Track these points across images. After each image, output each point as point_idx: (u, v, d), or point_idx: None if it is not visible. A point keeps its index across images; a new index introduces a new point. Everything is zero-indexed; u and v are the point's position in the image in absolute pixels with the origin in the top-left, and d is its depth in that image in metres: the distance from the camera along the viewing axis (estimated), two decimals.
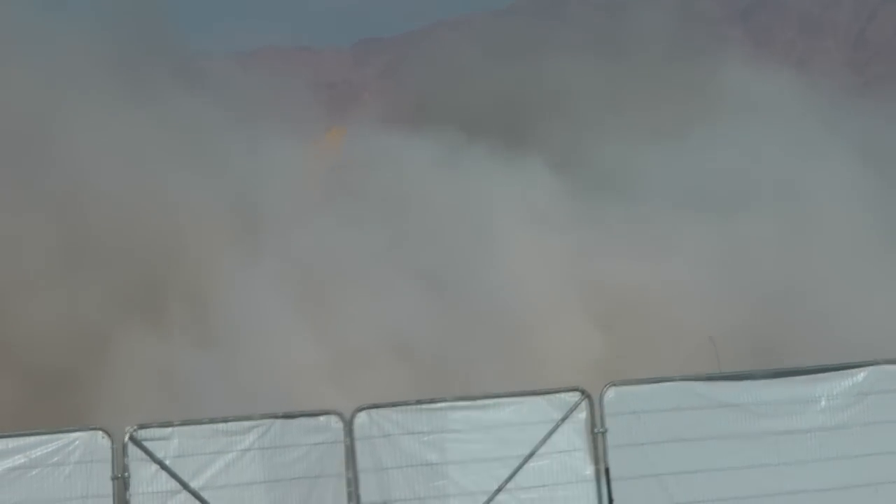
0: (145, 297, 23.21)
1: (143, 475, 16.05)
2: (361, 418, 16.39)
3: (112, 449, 15.98)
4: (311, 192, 25.91)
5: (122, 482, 15.97)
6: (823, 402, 17.04)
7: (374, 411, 16.45)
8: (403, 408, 16.54)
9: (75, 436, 16.01)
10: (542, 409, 16.66)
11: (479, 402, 16.64)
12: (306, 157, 27.02)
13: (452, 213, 24.96)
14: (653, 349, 22.07)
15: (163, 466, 16.05)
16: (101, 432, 16.03)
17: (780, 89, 29.18)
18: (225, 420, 16.24)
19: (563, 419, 16.63)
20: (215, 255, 23.76)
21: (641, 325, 22.88)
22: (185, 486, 16.06)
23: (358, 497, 16.31)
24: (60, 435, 16.01)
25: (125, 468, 15.98)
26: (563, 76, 28.62)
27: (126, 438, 16.02)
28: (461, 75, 29.53)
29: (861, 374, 17.17)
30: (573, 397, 16.71)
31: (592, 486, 16.62)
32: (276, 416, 16.32)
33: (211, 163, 24.86)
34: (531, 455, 16.55)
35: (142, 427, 16.09)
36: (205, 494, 16.08)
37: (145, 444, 16.05)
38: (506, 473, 16.51)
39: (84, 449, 15.95)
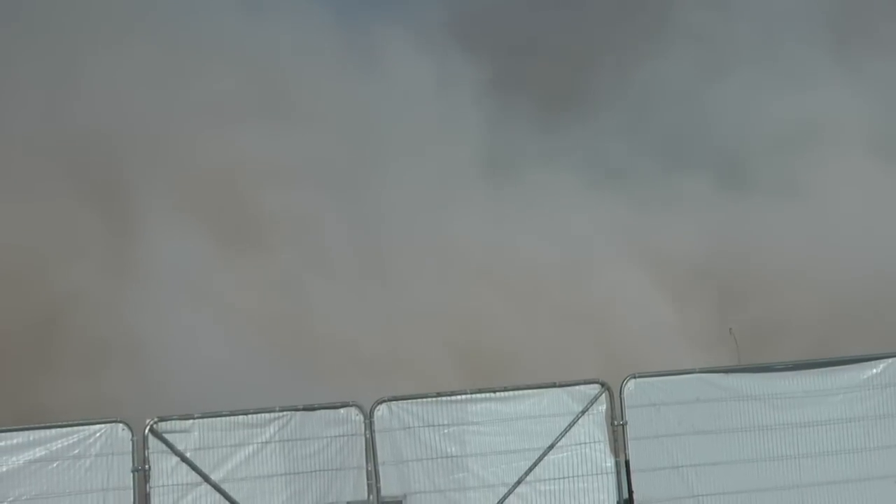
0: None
1: (164, 467, 16.06)
2: (381, 411, 16.41)
3: (132, 441, 16.00)
4: None
5: (142, 474, 15.99)
6: (842, 394, 17.05)
7: (394, 404, 16.46)
8: (423, 400, 16.54)
9: (96, 428, 16.02)
10: (562, 402, 16.68)
11: (499, 395, 16.64)
12: None
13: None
14: (671, 340, 22.00)
15: (183, 459, 16.06)
16: (121, 425, 16.04)
17: None
18: (245, 412, 16.24)
19: (584, 411, 16.65)
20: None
21: (661, 315, 22.78)
22: (205, 478, 16.07)
23: (378, 489, 16.32)
24: (81, 427, 16.01)
25: (146, 460, 15.99)
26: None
27: (146, 431, 16.03)
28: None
29: (880, 366, 17.19)
30: (593, 389, 16.73)
31: (612, 479, 16.64)
32: (296, 409, 16.33)
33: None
34: (551, 447, 16.57)
35: (162, 419, 16.10)
36: (225, 486, 16.10)
37: (166, 436, 16.05)
38: (526, 466, 16.53)
39: (104, 441, 15.97)
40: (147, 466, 16.00)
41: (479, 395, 16.64)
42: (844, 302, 23.18)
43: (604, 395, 16.71)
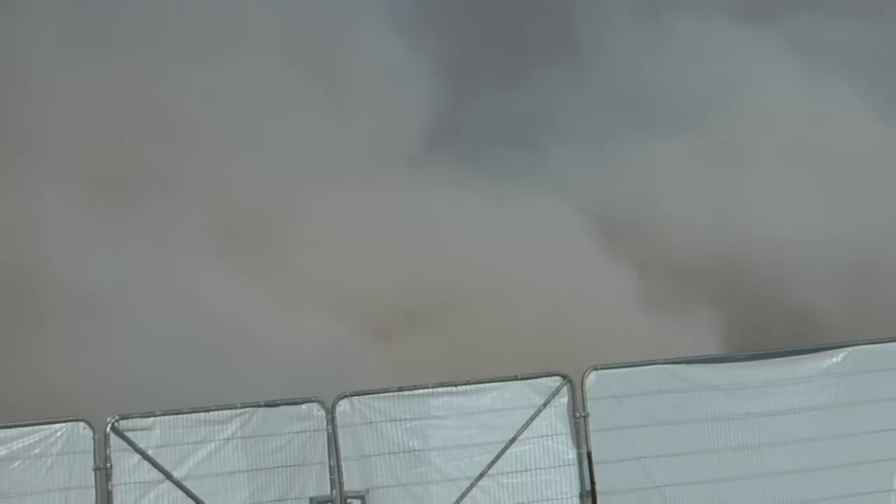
0: None
1: (126, 466, 16.04)
2: (343, 406, 16.42)
3: (94, 440, 15.97)
4: None
5: (104, 473, 15.96)
6: (803, 384, 17.12)
7: (355, 399, 16.48)
8: (385, 395, 16.56)
9: (56, 427, 15.97)
10: (524, 395, 16.72)
11: (461, 388, 16.67)
12: None
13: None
14: (632, 331, 21.99)
15: (145, 457, 16.05)
16: (82, 423, 16.00)
17: None
18: (207, 409, 16.23)
19: (545, 404, 16.69)
20: None
21: (621, 305, 22.74)
22: (167, 475, 16.06)
23: (340, 485, 16.34)
24: (42, 426, 15.97)
25: (107, 459, 15.97)
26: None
27: (108, 429, 16.01)
28: None
29: (841, 355, 17.27)
30: (555, 382, 16.77)
31: (575, 470, 16.68)
32: (257, 405, 16.33)
33: None
34: (513, 440, 16.61)
35: (123, 418, 16.08)
36: (187, 484, 16.09)
37: (127, 434, 16.04)
38: (488, 459, 16.56)
39: (65, 440, 15.93)
40: (109, 465, 15.96)
41: (440, 389, 16.66)
42: (805, 291, 23.26)
43: (565, 387, 16.76)
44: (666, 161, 24.62)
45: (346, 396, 16.46)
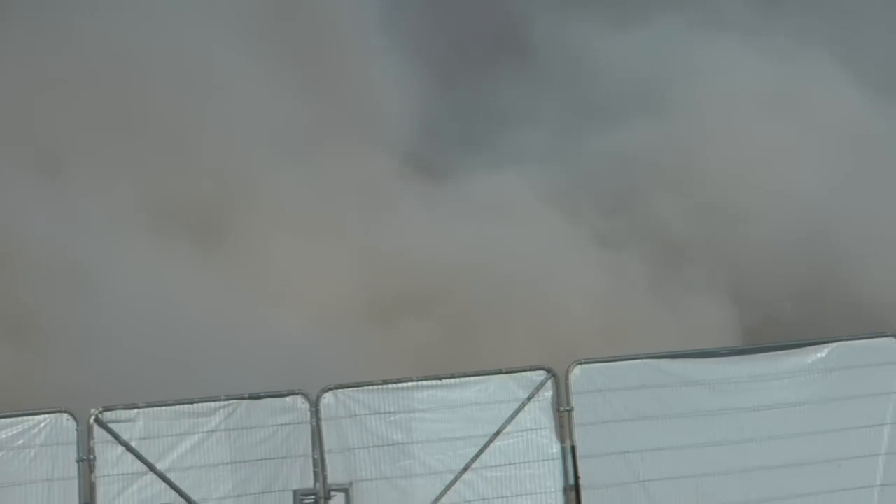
0: None
1: (109, 457, 16.02)
2: (328, 398, 16.42)
3: (77, 431, 15.96)
4: None
5: (87, 464, 15.95)
6: (787, 379, 17.13)
7: (340, 391, 16.47)
8: (369, 388, 16.56)
9: (40, 418, 15.95)
10: (509, 388, 16.71)
11: (445, 382, 16.66)
12: None
13: None
14: (616, 325, 22.00)
15: (128, 448, 16.04)
16: (65, 415, 15.99)
17: None
18: (191, 401, 16.22)
19: (529, 398, 16.69)
20: None
21: (604, 299, 22.75)
22: (151, 467, 16.05)
23: (324, 477, 16.33)
24: (25, 417, 15.95)
25: (91, 450, 15.96)
26: None
27: (91, 420, 15.99)
28: None
29: (825, 350, 17.28)
30: (539, 376, 16.77)
31: (559, 464, 16.69)
32: (241, 398, 16.33)
33: None
34: (497, 434, 16.61)
35: (107, 409, 16.06)
36: (171, 476, 16.08)
37: (111, 426, 16.03)
38: (472, 452, 16.56)
39: (49, 431, 15.91)
40: (92, 456, 15.96)
41: (425, 383, 16.65)
42: (793, 284, 23.27)
43: (550, 381, 16.76)
44: (643, 148, 24.64)
45: (330, 389, 16.45)
